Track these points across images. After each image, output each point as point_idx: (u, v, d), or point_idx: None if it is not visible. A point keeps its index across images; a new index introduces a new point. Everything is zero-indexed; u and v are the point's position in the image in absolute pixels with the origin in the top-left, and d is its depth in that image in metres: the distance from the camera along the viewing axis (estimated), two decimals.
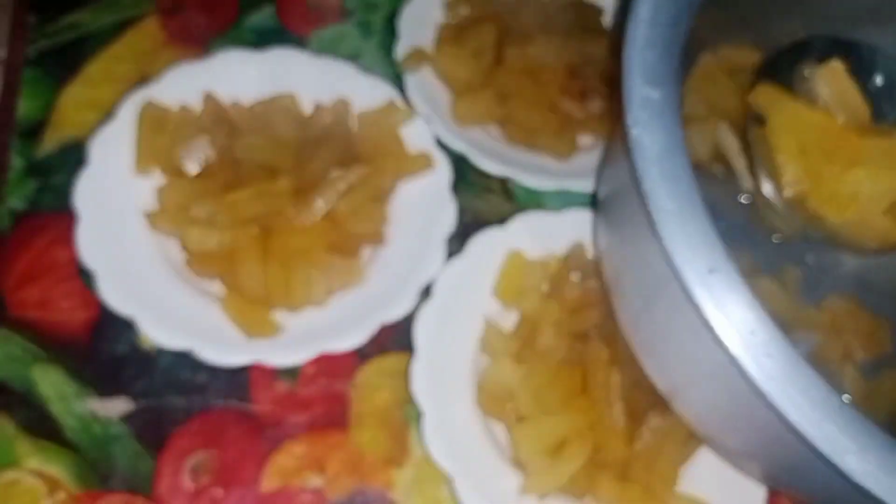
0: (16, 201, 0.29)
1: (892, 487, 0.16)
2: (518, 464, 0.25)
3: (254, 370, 0.27)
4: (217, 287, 0.27)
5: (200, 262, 0.27)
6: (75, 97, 0.31)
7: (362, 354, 0.27)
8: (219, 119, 0.29)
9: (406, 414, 0.27)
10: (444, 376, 0.26)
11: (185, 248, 0.27)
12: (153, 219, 0.27)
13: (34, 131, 0.31)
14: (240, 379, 0.27)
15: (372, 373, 0.27)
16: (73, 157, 0.30)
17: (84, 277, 0.28)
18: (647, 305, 0.21)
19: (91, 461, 0.25)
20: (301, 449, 0.26)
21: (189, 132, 0.28)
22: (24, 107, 0.31)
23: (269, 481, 0.25)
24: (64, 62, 0.32)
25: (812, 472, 0.18)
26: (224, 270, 0.27)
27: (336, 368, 0.27)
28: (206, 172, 0.28)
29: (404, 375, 0.26)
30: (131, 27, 0.33)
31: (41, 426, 0.26)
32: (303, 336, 0.26)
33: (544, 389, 0.25)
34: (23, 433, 0.25)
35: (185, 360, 0.26)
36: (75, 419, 0.26)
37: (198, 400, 0.26)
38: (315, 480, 0.26)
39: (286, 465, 0.26)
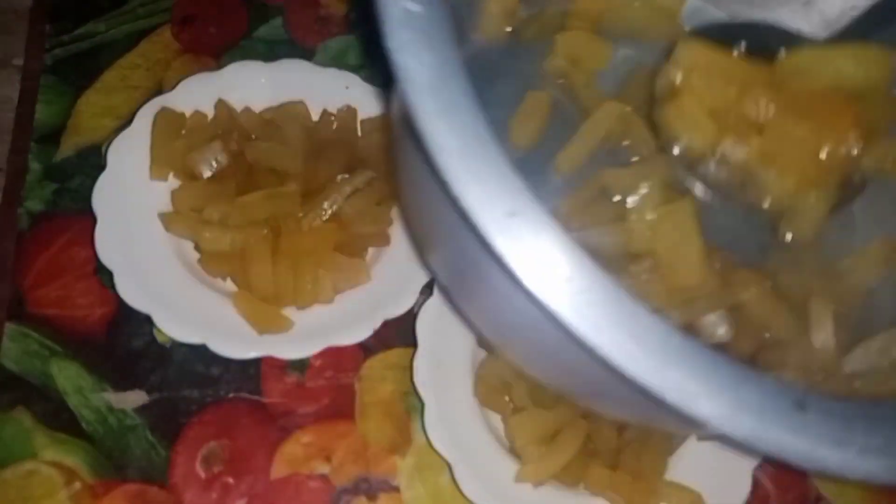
0: (34, 203, 0.30)
1: (752, 425, 0.14)
2: (514, 452, 0.25)
3: (264, 363, 0.27)
4: (229, 285, 0.28)
5: (213, 262, 0.27)
6: (92, 104, 0.32)
7: (367, 348, 0.28)
8: (231, 125, 0.29)
9: (408, 405, 0.27)
10: (444, 369, 0.26)
11: (198, 248, 0.28)
12: (168, 220, 0.28)
13: (52, 137, 0.31)
14: (251, 372, 0.27)
15: (376, 366, 0.28)
16: (90, 161, 0.31)
17: (101, 275, 0.28)
18: (452, 260, 0.18)
19: (107, 452, 0.26)
20: (309, 438, 0.26)
21: (202, 138, 0.29)
22: (42, 113, 0.32)
23: (278, 469, 0.26)
24: (80, 70, 0.33)
25: (661, 416, 0.16)
26: (236, 269, 0.27)
27: (342, 362, 0.28)
28: (218, 176, 0.28)
29: (407, 368, 0.27)
30: (146, 37, 0.34)
31: (58, 418, 0.26)
32: (311, 331, 0.27)
33: (538, 385, 0.25)
34: (41, 425, 0.26)
35: (198, 353, 0.27)
36: (92, 411, 0.26)
37: (211, 392, 0.27)
38: (322, 468, 0.26)
39: (295, 453, 0.26)
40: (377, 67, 0.33)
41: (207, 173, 0.28)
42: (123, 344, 0.27)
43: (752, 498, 0.26)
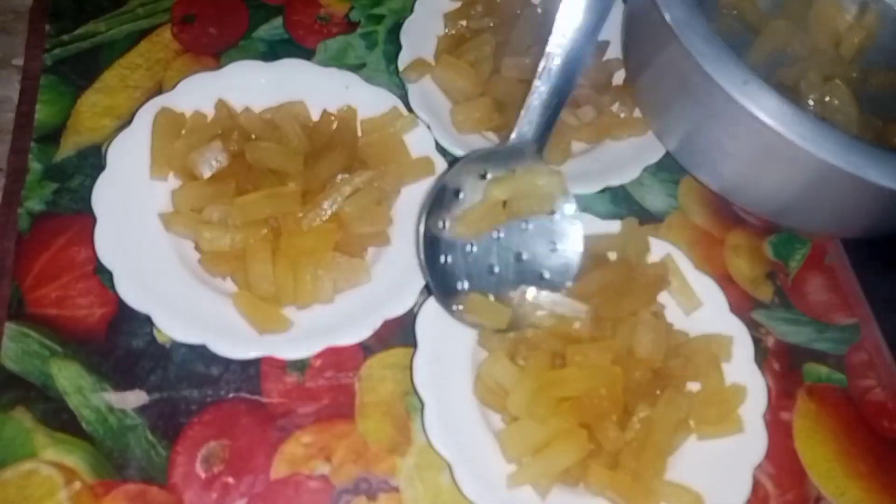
0: (34, 203, 0.30)
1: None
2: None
3: (264, 363, 0.27)
4: (229, 285, 0.27)
5: (213, 262, 0.27)
6: (92, 104, 0.32)
7: (367, 348, 0.28)
8: (231, 125, 0.29)
9: (408, 405, 0.27)
10: (444, 369, 0.26)
11: (198, 248, 0.27)
12: (168, 220, 0.28)
13: (52, 137, 0.31)
14: (251, 372, 0.27)
15: (376, 366, 0.28)
16: (90, 161, 0.30)
17: (101, 275, 0.28)
18: (697, 125, 0.28)
19: (107, 452, 0.25)
20: (309, 438, 0.26)
21: (202, 138, 0.29)
22: (42, 113, 0.31)
23: (278, 469, 0.26)
24: (80, 70, 0.32)
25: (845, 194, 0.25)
26: (236, 269, 0.27)
27: (342, 362, 0.28)
28: (218, 176, 0.28)
29: (407, 368, 0.27)
30: (146, 37, 0.33)
31: (58, 418, 0.26)
32: (311, 331, 0.26)
33: (535, 396, 0.25)
34: (40, 425, 0.26)
35: (198, 353, 0.27)
36: (92, 411, 0.26)
37: (211, 392, 0.27)
38: (322, 468, 0.26)
39: (295, 453, 0.26)
40: None
41: (207, 173, 0.28)
42: (123, 344, 0.27)
43: (752, 498, 0.25)
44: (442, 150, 0.31)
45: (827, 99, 0.31)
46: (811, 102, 0.31)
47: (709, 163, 0.30)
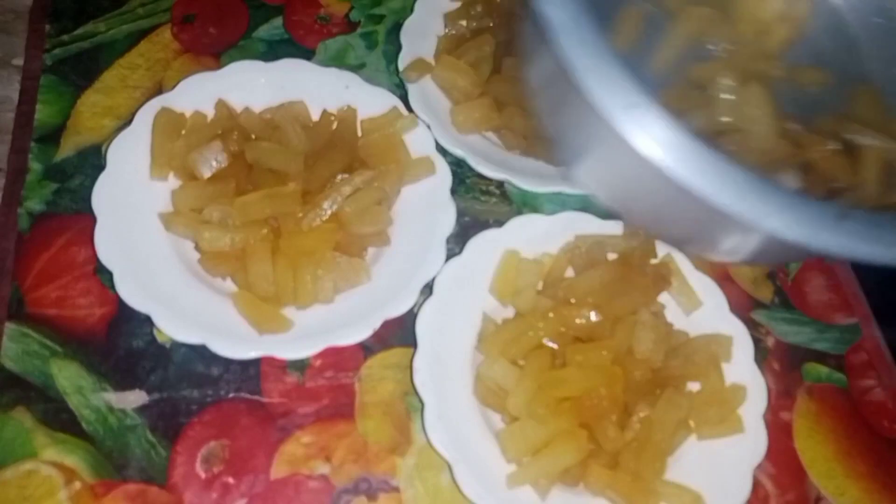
0: (34, 203, 0.30)
1: (804, 232, 0.19)
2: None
3: (264, 363, 0.27)
4: (229, 285, 0.27)
5: (213, 262, 0.27)
6: (91, 104, 0.32)
7: (367, 348, 0.28)
8: (231, 125, 0.29)
9: (408, 404, 0.27)
10: (444, 369, 0.26)
11: (198, 248, 0.27)
12: (168, 220, 0.28)
13: (52, 137, 0.31)
14: (251, 372, 0.27)
15: (376, 366, 0.28)
16: (90, 161, 0.30)
17: (101, 275, 0.28)
18: (582, 149, 0.24)
19: (107, 452, 0.25)
20: (309, 438, 0.26)
21: (202, 138, 0.29)
22: (42, 113, 0.31)
23: (278, 469, 0.26)
24: (80, 70, 0.32)
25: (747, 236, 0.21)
26: (235, 269, 0.27)
27: (342, 362, 0.28)
28: (218, 176, 0.28)
29: (407, 368, 0.27)
30: (146, 37, 0.33)
31: (58, 418, 0.26)
32: (311, 331, 0.26)
33: (535, 396, 0.25)
34: (41, 425, 0.26)
35: (198, 354, 0.27)
36: (92, 411, 0.26)
37: (211, 392, 0.27)
38: (322, 468, 0.26)
39: (295, 453, 0.26)
40: None
41: (207, 173, 0.28)
42: (123, 344, 0.27)
43: (752, 498, 0.25)
44: (442, 150, 0.31)
45: (740, 107, 0.27)
46: (721, 111, 0.26)
47: (603, 191, 0.25)
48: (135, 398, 0.26)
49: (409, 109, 0.31)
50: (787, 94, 0.28)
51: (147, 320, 0.26)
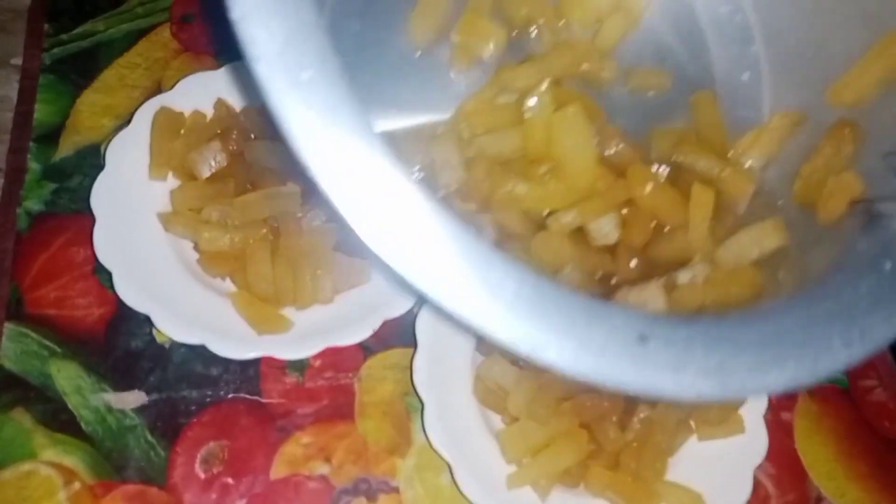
0: (33, 203, 0.30)
1: (594, 364, 0.15)
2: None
3: (264, 364, 0.27)
4: (228, 285, 0.27)
5: (212, 262, 0.27)
6: (91, 103, 0.32)
7: (367, 349, 0.28)
8: (230, 125, 0.29)
9: (408, 405, 0.27)
10: (443, 369, 0.26)
11: (197, 248, 0.27)
12: (167, 220, 0.28)
13: (51, 136, 0.31)
14: (250, 372, 0.27)
15: (376, 366, 0.28)
16: (89, 161, 0.30)
17: (100, 275, 0.28)
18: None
19: (106, 452, 0.25)
20: (308, 438, 0.26)
21: (201, 137, 0.28)
22: (41, 113, 0.31)
23: (278, 469, 0.26)
24: (79, 69, 0.32)
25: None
26: (235, 269, 0.27)
27: (342, 362, 0.28)
28: (217, 176, 0.28)
29: (407, 368, 0.27)
30: (145, 37, 0.33)
31: (57, 419, 0.26)
32: (310, 331, 0.26)
33: (534, 396, 0.24)
34: (40, 426, 0.25)
35: (197, 354, 0.26)
36: (91, 412, 0.26)
37: (210, 392, 0.27)
38: (322, 468, 0.26)
39: (294, 454, 0.26)
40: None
41: (206, 173, 0.28)
42: (122, 344, 0.27)
43: (752, 499, 0.25)
44: None
45: (553, 134, 0.22)
46: (531, 128, 0.22)
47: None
48: (134, 398, 0.26)
49: None
50: (620, 99, 0.25)
51: (146, 320, 0.26)
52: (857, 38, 0.23)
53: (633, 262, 0.23)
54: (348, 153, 0.15)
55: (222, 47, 0.34)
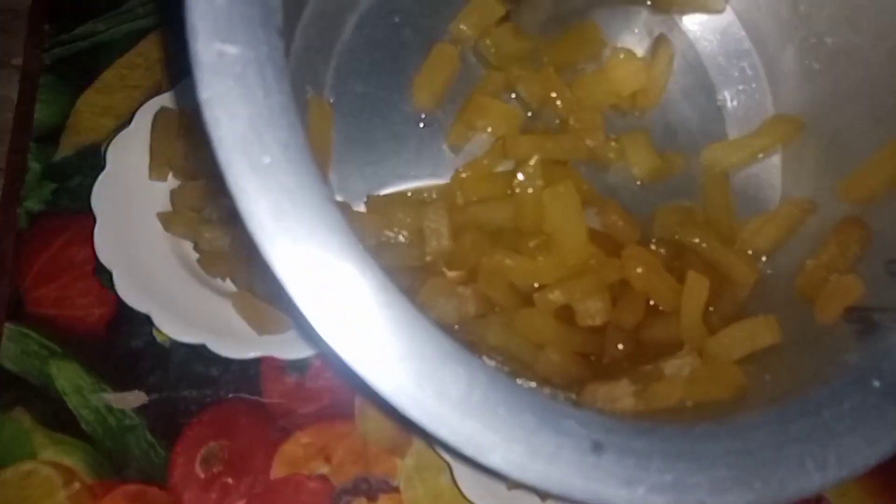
0: (33, 203, 0.30)
1: (542, 471, 0.14)
2: None
3: (264, 363, 0.27)
4: (229, 285, 0.27)
5: (212, 262, 0.27)
6: (91, 104, 0.32)
7: None
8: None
9: None
10: None
11: (197, 248, 0.27)
12: (167, 220, 0.28)
13: (51, 136, 0.31)
14: (250, 372, 0.27)
15: None
16: (90, 161, 0.30)
17: (100, 275, 0.28)
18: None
19: (106, 452, 0.25)
20: (309, 438, 0.26)
21: (201, 137, 0.29)
22: (41, 113, 0.31)
23: (278, 469, 0.26)
24: (80, 70, 0.32)
25: None
26: (235, 269, 0.27)
27: (342, 362, 0.28)
28: (217, 176, 0.28)
29: None
30: (145, 37, 0.33)
31: (57, 419, 0.26)
32: (311, 331, 0.26)
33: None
34: (39, 425, 0.26)
35: (197, 354, 0.27)
36: (91, 411, 0.26)
37: (210, 392, 0.27)
38: (322, 468, 0.26)
39: (294, 453, 0.26)
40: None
41: (207, 173, 0.28)
42: (123, 344, 0.27)
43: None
44: None
45: (547, 210, 0.22)
46: (523, 200, 0.22)
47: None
48: (134, 398, 0.26)
49: None
50: (625, 174, 0.24)
51: (146, 320, 0.26)
52: (870, 134, 0.23)
53: (621, 346, 0.22)
54: (301, 242, 0.14)
55: None
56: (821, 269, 0.22)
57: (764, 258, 0.25)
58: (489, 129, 0.25)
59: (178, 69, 0.33)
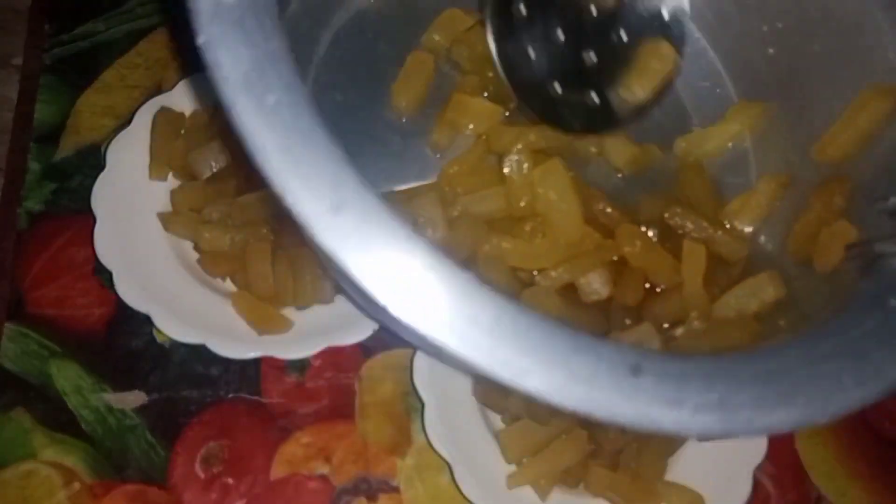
0: (33, 203, 0.30)
1: (582, 394, 0.14)
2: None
3: (264, 363, 0.27)
4: (229, 285, 0.27)
5: (213, 262, 0.27)
6: (91, 104, 0.32)
7: (367, 348, 0.28)
8: (230, 124, 0.29)
9: (408, 405, 0.27)
10: (443, 369, 0.26)
11: (198, 248, 0.27)
12: (167, 220, 0.28)
13: (51, 136, 0.31)
14: (250, 372, 0.27)
15: (376, 366, 0.28)
16: (90, 161, 0.30)
17: (100, 275, 0.28)
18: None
19: (106, 452, 0.25)
20: (308, 438, 0.26)
21: (202, 137, 0.28)
22: (41, 113, 0.31)
23: (278, 469, 0.26)
24: (79, 70, 0.32)
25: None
26: (235, 269, 0.27)
27: (342, 362, 0.28)
28: (217, 176, 0.28)
29: (407, 368, 0.27)
30: (145, 37, 0.33)
31: (57, 419, 0.26)
32: (310, 331, 0.26)
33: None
34: (39, 426, 0.26)
35: (197, 354, 0.27)
36: (91, 412, 0.26)
37: (210, 392, 0.27)
38: (322, 468, 0.26)
39: (294, 454, 0.26)
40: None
41: (207, 173, 0.28)
42: (123, 344, 0.27)
43: (752, 499, 0.25)
44: None
45: (539, 190, 0.22)
46: (514, 185, 0.23)
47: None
48: (134, 398, 0.26)
49: None
50: (605, 168, 0.25)
51: (146, 320, 0.26)
52: (832, 101, 0.23)
53: (628, 322, 0.22)
54: (315, 174, 0.15)
55: None
56: (810, 226, 0.22)
57: (750, 229, 0.25)
58: (471, 127, 0.25)
59: (178, 69, 0.33)
